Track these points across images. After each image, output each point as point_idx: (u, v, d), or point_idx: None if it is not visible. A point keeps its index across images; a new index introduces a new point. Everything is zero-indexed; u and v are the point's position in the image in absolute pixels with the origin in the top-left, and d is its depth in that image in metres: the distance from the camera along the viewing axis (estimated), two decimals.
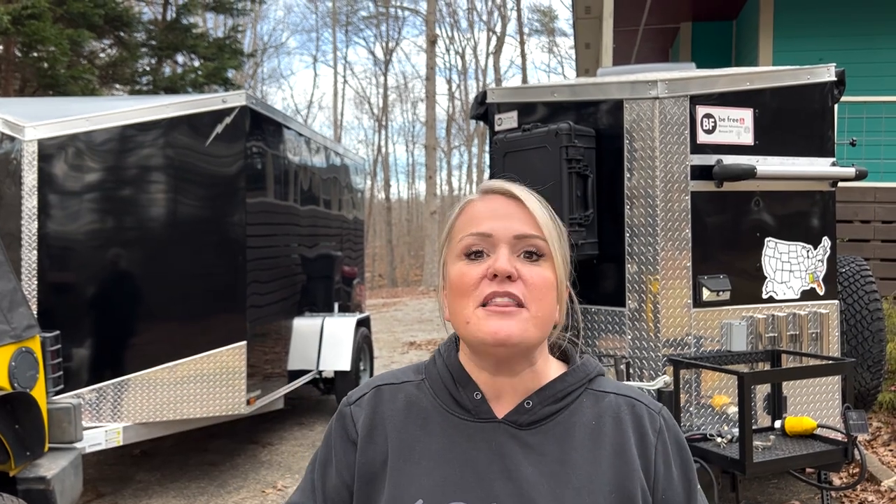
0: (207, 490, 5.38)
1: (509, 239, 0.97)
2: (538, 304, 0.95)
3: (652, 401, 1.06)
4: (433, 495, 0.96)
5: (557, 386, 1.01)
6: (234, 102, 5.28)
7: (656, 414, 1.03)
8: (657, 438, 1.01)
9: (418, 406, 1.04)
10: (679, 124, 3.73)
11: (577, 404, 1.02)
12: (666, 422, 1.04)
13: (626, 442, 1.00)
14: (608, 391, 1.04)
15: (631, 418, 1.02)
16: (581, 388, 1.03)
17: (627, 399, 1.04)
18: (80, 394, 4.86)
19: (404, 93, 39.48)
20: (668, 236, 3.73)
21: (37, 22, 11.44)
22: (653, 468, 1.00)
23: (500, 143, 4.10)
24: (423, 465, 0.99)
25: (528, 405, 0.99)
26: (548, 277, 0.96)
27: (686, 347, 3.74)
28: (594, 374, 1.05)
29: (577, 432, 1.00)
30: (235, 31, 17.73)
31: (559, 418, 1.00)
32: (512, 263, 0.95)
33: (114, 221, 5.03)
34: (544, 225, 0.98)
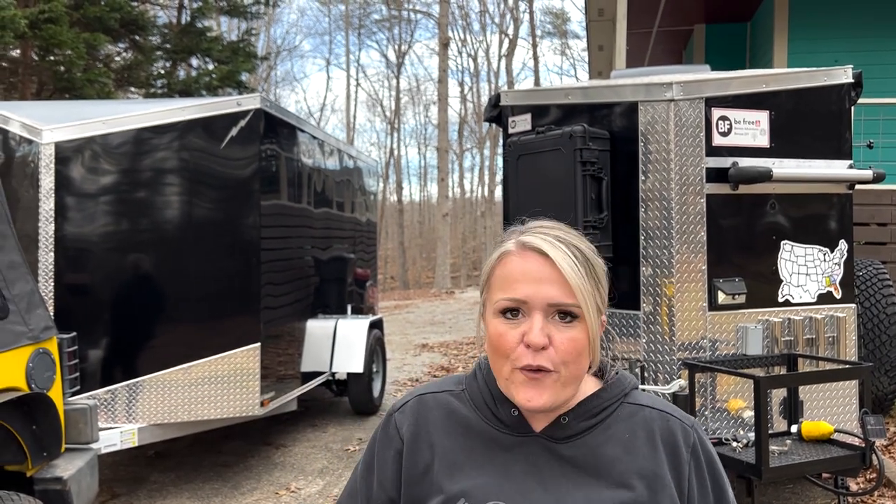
0: (221, 491, 5.40)
1: (543, 306, 1.02)
2: (569, 367, 1.02)
3: (685, 415, 1.10)
4: (475, 496, 1.03)
5: (593, 402, 1.08)
6: (249, 105, 5.31)
7: (690, 429, 1.07)
8: (690, 454, 1.05)
9: (459, 415, 1.11)
10: (694, 126, 3.72)
11: (612, 418, 1.08)
12: (699, 437, 1.08)
13: (658, 456, 1.05)
14: (643, 404, 1.10)
15: (663, 433, 1.06)
16: (616, 402, 1.09)
17: (661, 413, 1.08)
18: (96, 395, 4.89)
19: (416, 95, 39.56)
20: (683, 239, 3.71)
21: (54, 26, 11.54)
22: (686, 484, 1.04)
23: (514, 145, 4.09)
24: (466, 470, 1.06)
25: (564, 420, 1.06)
26: (579, 341, 1.02)
27: (701, 351, 3.72)
28: (629, 388, 1.11)
29: (610, 445, 1.05)
30: (249, 35, 17.81)
31: (594, 433, 1.06)
32: (545, 332, 1.00)
33: (129, 224, 5.07)
34: (577, 288, 1.01)
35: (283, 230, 5.80)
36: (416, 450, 1.10)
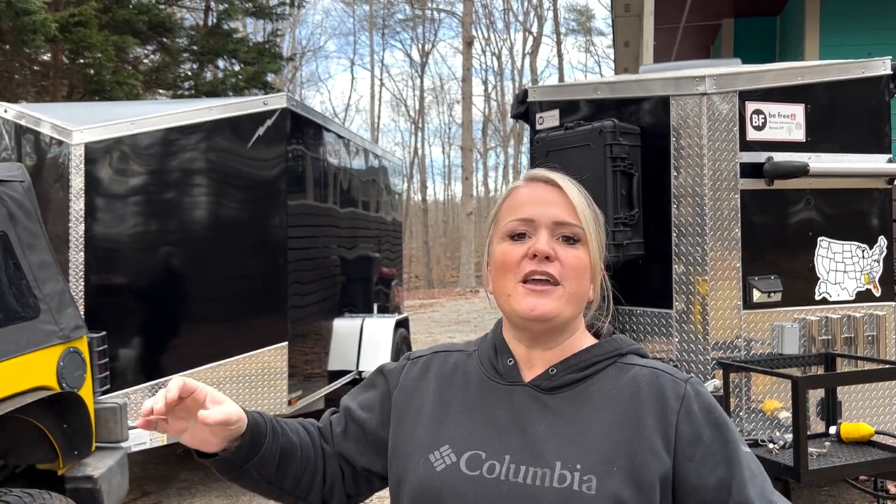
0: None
1: (549, 224, 1.06)
2: (572, 283, 1.05)
3: (680, 373, 1.09)
4: (457, 443, 1.07)
5: (582, 356, 1.09)
6: (275, 105, 5.31)
7: (682, 382, 1.06)
8: (680, 404, 1.03)
9: (464, 371, 1.16)
10: (728, 121, 3.64)
11: (601, 375, 1.08)
12: (693, 388, 1.06)
13: (641, 409, 1.03)
14: (636, 364, 1.09)
15: (651, 387, 1.05)
16: (607, 360, 1.09)
17: (652, 370, 1.07)
18: (126, 393, 4.92)
19: (440, 95, 39.54)
20: (716, 236, 3.63)
21: (83, 29, 11.68)
22: (674, 432, 1.02)
23: (542, 141, 4.04)
24: (456, 418, 1.10)
25: (552, 371, 1.08)
26: (582, 259, 1.06)
27: (735, 350, 3.64)
28: (626, 350, 1.11)
29: (594, 399, 1.05)
30: (275, 36, 17.93)
31: (581, 386, 1.07)
32: (550, 245, 1.05)
33: (158, 223, 5.09)
34: (581, 213, 1.07)
35: (309, 230, 5.80)
36: (411, 397, 1.16)
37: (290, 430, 1.18)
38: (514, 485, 1.01)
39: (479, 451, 1.05)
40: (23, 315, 3.05)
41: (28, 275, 3.10)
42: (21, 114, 5.31)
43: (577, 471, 0.99)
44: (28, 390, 3.02)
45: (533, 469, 1.01)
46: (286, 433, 1.16)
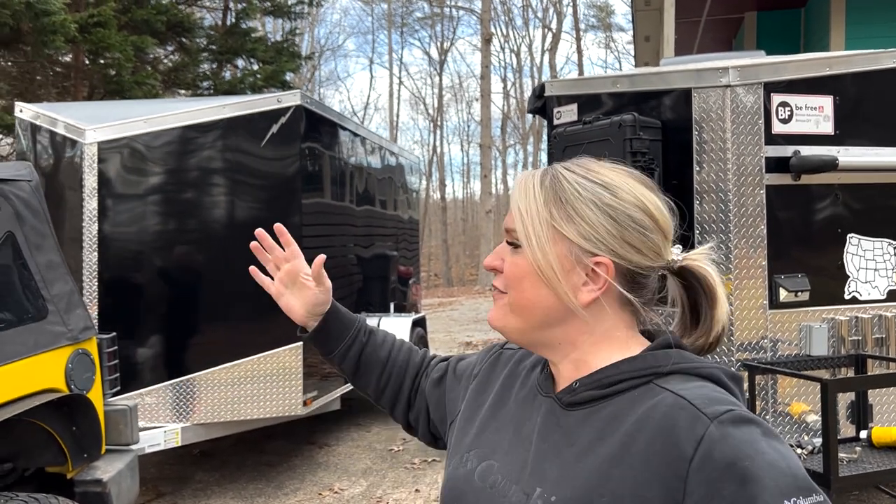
0: (265, 492, 5.35)
1: (503, 232, 1.02)
2: (511, 293, 0.97)
3: (718, 406, 0.83)
4: (484, 449, 1.03)
5: (607, 372, 0.94)
6: (289, 102, 5.25)
7: (706, 420, 0.81)
8: (695, 450, 0.80)
9: (527, 373, 1.09)
10: (752, 114, 3.51)
11: (625, 396, 0.91)
12: (720, 429, 0.80)
13: (644, 449, 0.84)
14: (667, 388, 0.88)
15: (663, 422, 0.84)
16: (638, 379, 0.91)
17: (678, 400, 0.85)
18: (140, 394, 4.89)
19: (459, 92, 39.41)
20: (741, 233, 3.51)
21: (102, 29, 11.73)
22: (683, 490, 0.80)
23: (560, 136, 3.93)
24: (497, 423, 1.05)
25: (575, 385, 0.96)
26: (519, 266, 0.96)
27: (762, 352, 3.51)
28: (668, 368, 0.90)
29: (606, 423, 0.90)
30: (293, 35, 17.92)
31: (599, 405, 0.92)
32: (497, 256, 1.00)
33: (171, 222, 5.05)
34: (519, 215, 0.96)
35: (324, 228, 5.73)
36: (482, 391, 1.13)
37: (382, 346, 1.28)
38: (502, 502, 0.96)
39: (493, 462, 1.01)
40: (30, 316, 3.01)
41: (35, 275, 3.05)
42: (36, 114, 5.29)
43: (550, 503, 0.88)
44: (36, 393, 2.97)
45: (518, 491, 0.94)
46: (375, 345, 1.27)
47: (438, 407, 1.23)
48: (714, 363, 0.94)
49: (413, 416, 1.28)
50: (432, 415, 1.25)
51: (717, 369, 0.92)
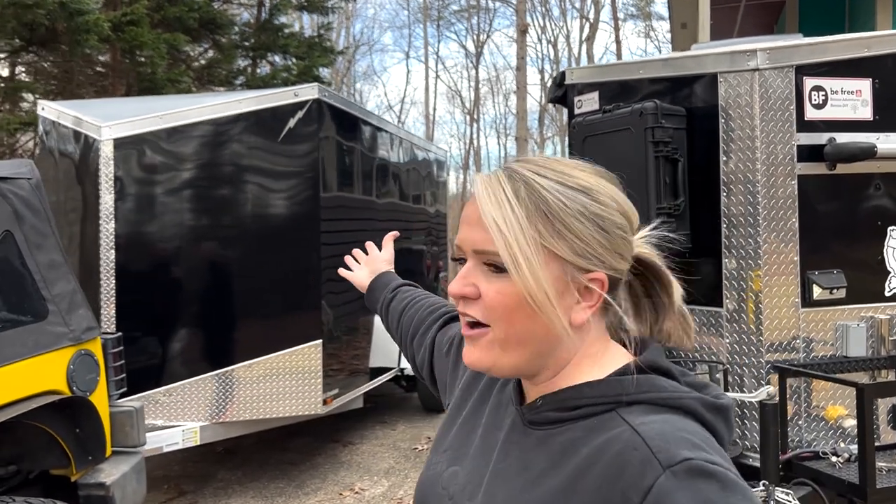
0: (286, 491, 5.29)
1: (471, 252, 0.86)
2: (500, 325, 0.83)
3: (675, 451, 0.72)
4: (454, 452, 0.99)
5: (570, 393, 0.85)
6: (307, 96, 5.15)
7: (659, 468, 0.71)
8: (642, 501, 0.70)
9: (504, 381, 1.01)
10: (783, 99, 3.28)
11: (586, 424, 0.82)
12: (670, 483, 0.69)
13: (593, 491, 0.75)
14: (628, 421, 0.78)
15: (614, 462, 0.75)
16: (600, 406, 0.82)
17: (633, 439, 0.75)
18: (158, 392, 4.85)
19: (496, 85, 39.09)
20: (771, 226, 3.29)
21: (135, 28, 11.82)
22: None
23: (579, 126, 3.75)
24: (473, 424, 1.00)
25: (538, 403, 0.88)
26: (508, 294, 0.82)
27: (794, 353, 3.29)
28: (634, 397, 0.81)
29: (558, 452, 0.82)
30: (326, 29, 17.90)
31: (560, 429, 0.84)
32: (468, 282, 0.85)
33: (189, 219, 5.00)
34: (499, 233, 0.81)
35: (345, 223, 5.63)
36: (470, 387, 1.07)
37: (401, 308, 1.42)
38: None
39: (458, 469, 0.96)
40: (30, 317, 2.95)
41: (35, 275, 2.99)
42: (58, 111, 5.29)
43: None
44: (36, 395, 2.91)
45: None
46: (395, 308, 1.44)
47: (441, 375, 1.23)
48: (693, 393, 0.82)
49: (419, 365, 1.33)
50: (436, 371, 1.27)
51: (694, 399, 0.81)
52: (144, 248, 4.94)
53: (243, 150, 5.05)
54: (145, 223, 4.93)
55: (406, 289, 1.48)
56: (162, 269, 5.01)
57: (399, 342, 1.43)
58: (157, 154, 4.93)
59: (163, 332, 4.94)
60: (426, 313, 1.35)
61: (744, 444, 3.31)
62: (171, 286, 5.01)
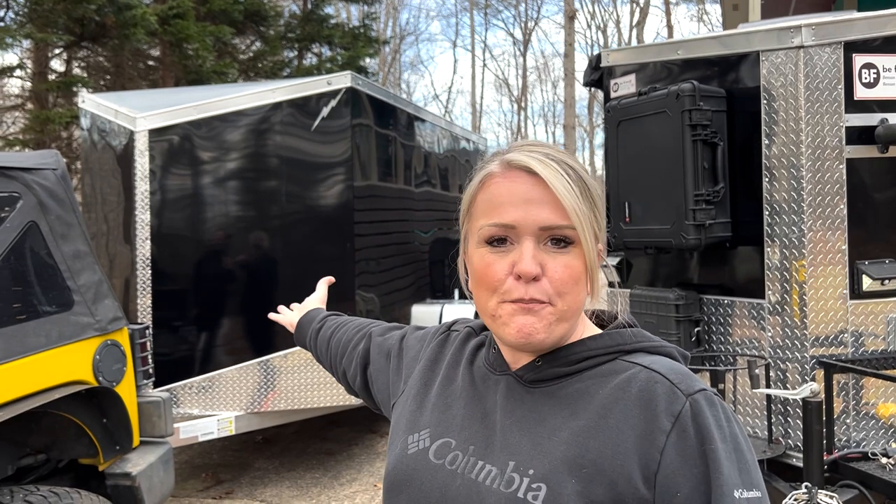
0: (321, 481, 5.28)
1: (535, 231, 0.90)
2: (565, 299, 0.90)
3: (690, 382, 0.87)
4: (437, 427, 1.01)
5: (574, 349, 0.95)
6: (340, 84, 5.10)
7: (683, 396, 0.85)
8: (673, 424, 0.84)
9: (473, 353, 1.08)
10: (830, 78, 3.08)
11: (593, 372, 0.93)
12: (695, 406, 0.84)
13: (623, 421, 0.86)
14: (637, 363, 0.91)
15: (641, 395, 0.87)
16: (605, 356, 0.93)
17: (651, 374, 0.89)
18: (192, 383, 4.88)
19: (544, 72, 38.64)
20: (817, 214, 3.10)
21: (181, 21, 11.99)
22: (658, 461, 0.83)
23: (614, 110, 3.61)
24: (447, 401, 1.04)
25: (538, 363, 0.96)
26: (575, 268, 0.90)
27: (841, 347, 3.11)
28: (633, 346, 0.94)
29: (576, 399, 0.91)
30: (371, 19, 17.90)
31: (566, 382, 0.93)
32: (537, 261, 0.89)
33: (224, 209, 5.01)
34: (573, 210, 0.89)
35: (379, 213, 5.58)
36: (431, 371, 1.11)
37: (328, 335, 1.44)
38: (466, 480, 0.93)
39: (449, 439, 0.98)
40: (55, 307, 2.96)
41: (61, 265, 3.00)
42: (97, 103, 5.35)
43: (527, 476, 0.87)
44: (62, 385, 2.93)
45: (489, 466, 0.92)
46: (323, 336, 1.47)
47: (381, 377, 1.24)
48: (667, 343, 0.97)
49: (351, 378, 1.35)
50: (372, 378, 1.27)
51: (672, 347, 0.96)
52: (180, 238, 4.96)
53: (277, 140, 5.02)
54: (181, 213, 4.95)
55: (333, 318, 1.51)
56: (198, 258, 5.03)
57: (328, 365, 1.44)
58: (192, 144, 4.94)
59: (198, 322, 4.97)
60: (353, 332, 1.39)
61: (786, 442, 3.14)
62: (205, 276, 5.03)
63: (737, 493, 0.81)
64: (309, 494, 5.05)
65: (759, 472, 0.86)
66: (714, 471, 0.81)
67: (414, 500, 0.97)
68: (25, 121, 12.94)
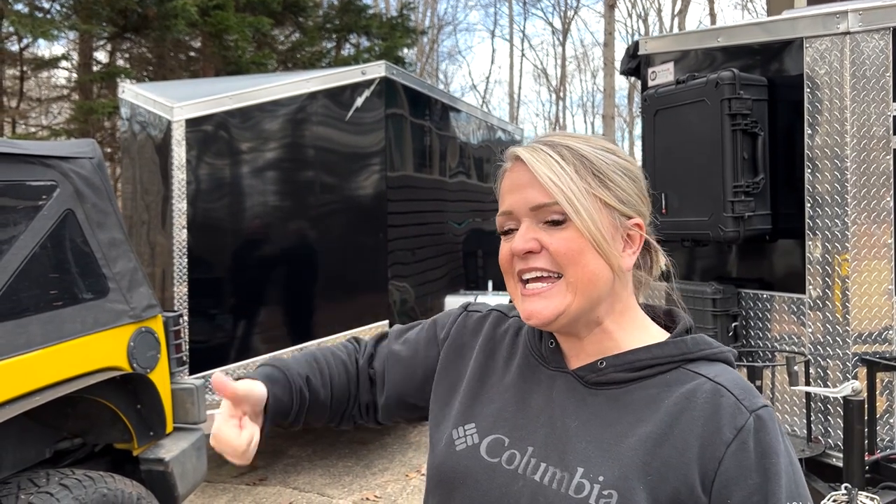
0: (353, 470, 5.31)
1: (527, 212, 0.93)
2: (572, 269, 0.91)
3: (753, 399, 0.89)
4: (484, 422, 0.99)
5: (640, 355, 0.94)
6: (374, 74, 5.09)
7: (746, 412, 0.87)
8: (735, 436, 0.86)
9: (513, 341, 1.07)
10: (878, 65, 2.97)
11: (658, 380, 0.93)
12: (758, 422, 0.87)
13: (688, 430, 0.87)
14: (702, 374, 0.92)
15: (707, 407, 0.88)
16: (671, 364, 0.93)
17: (716, 387, 0.90)
18: (228, 370, 4.94)
19: (583, 62, 38.23)
20: (862, 206, 3.00)
21: (221, 12, 12.10)
22: (716, 470, 0.85)
23: (651, 99, 3.53)
24: (491, 393, 1.02)
25: (600, 365, 0.95)
26: (574, 240, 0.91)
27: (885, 344, 3.00)
28: (696, 354, 0.94)
29: (641, 405, 0.91)
30: (409, 10, 17.87)
31: (629, 388, 0.93)
32: (529, 238, 0.92)
33: (260, 198, 5.04)
34: (554, 186, 0.91)
35: (413, 203, 5.57)
36: (458, 358, 1.09)
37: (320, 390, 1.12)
38: (530, 482, 0.91)
39: (502, 437, 0.97)
40: (91, 294, 3.01)
41: (97, 253, 3.04)
42: (136, 93, 5.42)
43: (598, 483, 0.87)
44: (97, 370, 2.97)
45: (553, 469, 0.91)
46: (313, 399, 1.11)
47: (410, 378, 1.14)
48: (725, 347, 0.96)
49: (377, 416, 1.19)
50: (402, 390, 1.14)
51: (729, 352, 0.96)
52: (216, 228, 5.01)
53: (311, 129, 5.04)
54: (217, 202, 5.00)
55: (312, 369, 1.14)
56: (232, 247, 5.07)
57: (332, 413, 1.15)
58: (228, 133, 4.98)
59: (233, 310, 5.01)
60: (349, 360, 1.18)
61: (826, 441, 3.05)
62: (240, 265, 5.07)
63: (791, 503, 0.85)
64: (341, 482, 5.08)
65: (805, 486, 0.90)
66: (773, 483, 0.85)
67: (470, 499, 0.95)
68: (71, 111, 13.22)
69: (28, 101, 13.46)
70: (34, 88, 16.01)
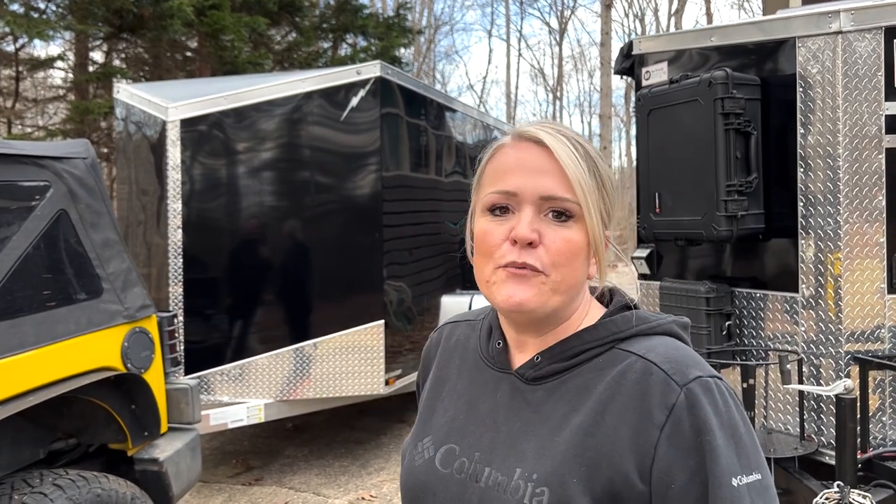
0: (349, 470, 5.32)
1: (535, 199, 0.89)
2: (560, 271, 0.88)
3: (685, 370, 0.85)
4: (438, 434, 0.99)
5: (570, 343, 0.93)
6: (369, 74, 5.09)
7: (677, 387, 0.83)
8: (666, 417, 0.82)
9: (464, 347, 1.07)
10: (870, 64, 2.98)
11: (590, 364, 0.91)
12: (690, 396, 0.82)
13: (618, 415, 0.85)
14: (633, 352, 0.89)
15: (635, 388, 0.85)
16: (601, 346, 0.91)
17: (647, 364, 0.87)
18: (223, 370, 4.94)
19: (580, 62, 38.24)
20: (854, 205, 3.01)
21: (217, 12, 12.09)
22: (653, 456, 0.82)
23: (644, 98, 3.54)
24: (445, 403, 1.02)
25: (536, 360, 0.94)
26: (574, 241, 0.89)
27: (878, 343, 3.02)
28: (627, 332, 0.92)
29: (573, 394, 0.90)
30: (405, 9, 17.86)
31: (566, 377, 0.92)
32: (534, 227, 0.88)
33: (254, 198, 5.04)
34: (577, 182, 0.88)
35: (409, 203, 5.57)
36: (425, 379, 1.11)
37: None
38: (477, 488, 0.91)
39: (453, 445, 0.97)
40: (85, 294, 3.01)
41: (90, 253, 3.04)
42: (131, 93, 5.42)
43: (532, 481, 0.86)
44: (91, 371, 2.97)
45: (495, 473, 0.90)
46: None
47: None
48: (666, 317, 0.93)
49: None
50: None
51: (671, 323, 0.94)
52: (211, 228, 5.01)
53: (307, 129, 5.04)
54: (212, 202, 5.00)
55: None
56: (227, 247, 5.07)
57: None
58: (223, 134, 4.98)
59: (229, 310, 5.02)
60: None
61: (819, 440, 3.06)
62: (236, 265, 5.07)
63: (735, 480, 0.80)
64: (337, 482, 5.08)
65: (759, 454, 0.84)
66: (711, 461, 0.80)
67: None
68: (67, 111, 13.20)
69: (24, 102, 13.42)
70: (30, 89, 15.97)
